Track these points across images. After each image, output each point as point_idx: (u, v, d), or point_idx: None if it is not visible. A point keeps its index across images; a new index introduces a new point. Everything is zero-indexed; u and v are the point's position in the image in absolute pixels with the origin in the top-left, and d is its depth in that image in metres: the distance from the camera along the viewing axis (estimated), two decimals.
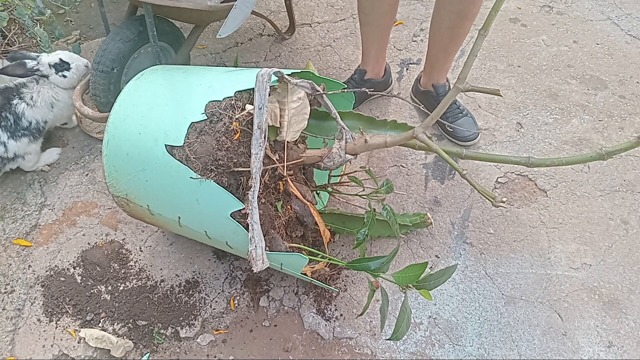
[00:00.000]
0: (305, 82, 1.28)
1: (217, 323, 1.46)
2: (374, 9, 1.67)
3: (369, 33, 1.77)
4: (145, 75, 1.39)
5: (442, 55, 1.75)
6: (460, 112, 1.85)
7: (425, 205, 1.71)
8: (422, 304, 1.49)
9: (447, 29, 1.64)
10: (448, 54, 1.74)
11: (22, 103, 1.68)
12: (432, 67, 1.81)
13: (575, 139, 1.87)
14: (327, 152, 1.33)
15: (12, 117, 1.66)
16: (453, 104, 1.85)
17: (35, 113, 1.70)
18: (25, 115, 1.68)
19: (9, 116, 1.66)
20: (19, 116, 1.67)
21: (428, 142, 1.24)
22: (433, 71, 1.82)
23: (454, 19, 1.59)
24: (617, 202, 1.70)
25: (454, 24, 1.61)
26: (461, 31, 1.64)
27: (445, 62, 1.78)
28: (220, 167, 1.19)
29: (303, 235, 1.41)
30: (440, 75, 1.83)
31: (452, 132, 1.84)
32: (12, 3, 1.85)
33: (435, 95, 1.85)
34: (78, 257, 1.58)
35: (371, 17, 1.71)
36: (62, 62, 1.72)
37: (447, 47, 1.71)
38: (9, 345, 1.42)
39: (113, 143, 1.29)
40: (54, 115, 1.76)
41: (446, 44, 1.70)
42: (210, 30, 2.31)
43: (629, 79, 2.07)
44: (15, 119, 1.66)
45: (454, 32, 1.64)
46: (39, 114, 1.71)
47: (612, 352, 1.40)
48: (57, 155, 1.83)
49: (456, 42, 1.69)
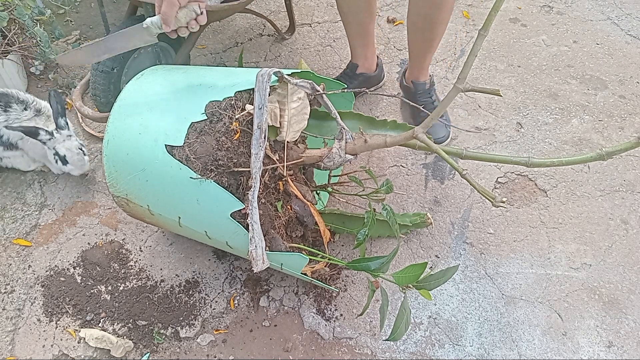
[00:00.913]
0: (305, 82, 1.28)
1: (217, 323, 1.46)
2: (350, 7, 1.68)
3: (351, 31, 1.79)
4: (145, 75, 1.39)
5: (420, 56, 1.75)
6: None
7: (425, 205, 1.71)
8: (422, 304, 1.49)
9: (420, 32, 1.64)
10: (425, 54, 1.74)
11: (4, 115, 1.60)
12: (412, 67, 1.83)
13: (575, 139, 1.87)
14: (327, 152, 1.33)
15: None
16: (430, 104, 1.84)
17: (12, 134, 1.63)
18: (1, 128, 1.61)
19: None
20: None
21: (428, 142, 1.24)
22: (413, 67, 1.83)
23: (424, 23, 1.59)
24: (617, 202, 1.70)
25: (425, 28, 1.61)
26: (432, 36, 1.64)
27: (423, 61, 1.78)
28: (220, 167, 1.19)
29: (303, 235, 1.41)
30: (421, 73, 1.83)
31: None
32: (12, 3, 1.85)
33: (413, 91, 1.85)
34: (78, 257, 1.58)
35: (350, 16, 1.72)
36: (80, 151, 1.65)
37: (422, 49, 1.71)
38: (9, 345, 1.42)
39: (113, 143, 1.29)
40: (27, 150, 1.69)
41: (421, 46, 1.71)
42: (210, 30, 2.31)
43: (629, 79, 2.07)
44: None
45: (426, 36, 1.64)
46: (16, 137, 1.64)
47: (612, 352, 1.40)
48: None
49: (430, 44, 1.69)
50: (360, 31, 1.78)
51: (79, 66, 2.02)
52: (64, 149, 1.61)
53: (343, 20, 1.77)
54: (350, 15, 1.71)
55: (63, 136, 1.61)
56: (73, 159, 1.63)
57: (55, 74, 2.08)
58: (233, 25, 2.33)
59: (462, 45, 2.21)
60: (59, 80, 2.05)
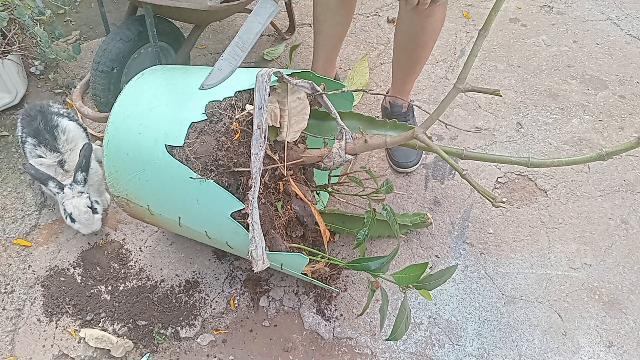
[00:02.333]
0: (305, 82, 1.28)
1: (217, 323, 1.46)
2: (327, 18, 1.63)
3: (320, 41, 1.74)
4: (145, 75, 1.39)
5: (402, 75, 1.71)
6: None
7: (425, 205, 1.71)
8: (422, 304, 1.49)
9: (403, 50, 1.61)
10: (406, 75, 1.70)
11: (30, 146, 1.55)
12: (393, 86, 1.78)
13: (575, 139, 1.87)
14: (327, 152, 1.33)
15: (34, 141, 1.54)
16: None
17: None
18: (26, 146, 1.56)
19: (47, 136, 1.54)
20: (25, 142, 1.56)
21: (428, 142, 1.24)
22: (394, 88, 1.78)
23: (408, 42, 1.56)
24: (617, 202, 1.70)
25: (408, 47, 1.58)
26: (415, 56, 1.60)
27: (404, 82, 1.74)
28: (220, 167, 1.19)
29: (303, 235, 1.41)
30: (401, 95, 1.77)
31: (391, 156, 1.80)
32: (12, 3, 1.85)
33: (389, 112, 1.80)
34: (78, 257, 1.58)
35: (323, 26, 1.67)
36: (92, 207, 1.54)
37: (404, 68, 1.68)
38: (9, 345, 1.42)
39: (113, 143, 1.29)
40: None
41: (404, 65, 1.67)
42: (210, 30, 2.31)
43: (629, 79, 2.07)
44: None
45: (409, 55, 1.61)
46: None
47: (612, 352, 1.40)
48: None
49: (413, 65, 1.65)
50: (328, 44, 1.74)
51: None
52: (71, 207, 1.50)
53: (315, 28, 1.71)
54: (324, 26, 1.67)
55: (74, 192, 1.50)
56: (80, 217, 1.51)
57: (55, 74, 2.07)
58: (233, 25, 2.33)
59: (462, 45, 2.21)
60: (59, 80, 2.05)
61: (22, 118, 1.58)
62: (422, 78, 2.08)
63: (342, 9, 1.61)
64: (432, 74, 2.10)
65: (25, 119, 1.57)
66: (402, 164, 1.76)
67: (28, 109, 1.59)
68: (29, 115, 1.57)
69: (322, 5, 1.60)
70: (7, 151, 1.83)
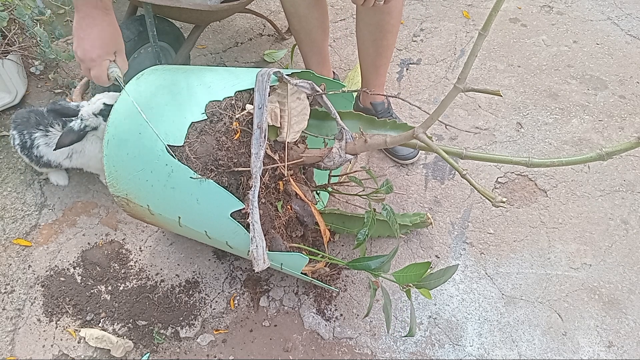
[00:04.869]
0: (305, 82, 1.28)
1: (217, 323, 1.46)
2: (303, 25, 1.63)
3: (305, 49, 1.74)
4: (145, 75, 1.39)
5: (373, 69, 1.70)
6: None
7: (425, 205, 1.71)
8: (422, 304, 1.49)
9: (371, 42, 1.60)
10: (377, 67, 1.69)
11: (42, 138, 1.55)
12: (367, 84, 1.77)
13: (575, 139, 1.87)
14: (327, 152, 1.33)
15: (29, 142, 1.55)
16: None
17: (51, 154, 1.57)
18: (39, 148, 1.56)
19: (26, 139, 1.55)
20: (33, 145, 1.56)
21: (428, 142, 1.24)
22: (369, 88, 1.76)
23: (374, 32, 1.56)
24: (617, 202, 1.70)
25: (376, 37, 1.57)
26: (384, 43, 1.60)
27: (377, 76, 1.73)
28: (221, 167, 1.19)
29: (303, 235, 1.41)
30: (378, 90, 1.76)
31: (391, 150, 1.81)
32: (12, 3, 1.85)
33: (374, 113, 1.78)
34: (78, 257, 1.58)
35: (302, 34, 1.67)
36: (107, 107, 1.45)
37: (374, 61, 1.67)
38: (9, 345, 1.42)
39: (113, 143, 1.29)
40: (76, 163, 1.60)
41: (373, 58, 1.66)
42: (210, 30, 2.31)
43: (629, 79, 2.07)
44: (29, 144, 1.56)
45: (377, 45, 1.60)
46: (58, 157, 1.57)
47: (612, 352, 1.40)
48: (63, 182, 1.75)
49: (383, 55, 1.65)
50: (314, 49, 1.73)
51: None
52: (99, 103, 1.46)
53: (296, 39, 1.72)
54: (303, 34, 1.67)
55: (87, 102, 1.49)
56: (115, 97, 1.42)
57: (55, 74, 2.07)
58: (233, 25, 2.33)
59: (462, 45, 2.21)
60: (59, 80, 2.05)
61: (16, 126, 1.58)
62: (422, 78, 2.09)
63: (314, 13, 1.60)
64: (432, 74, 2.10)
65: (20, 125, 1.57)
66: (405, 156, 1.78)
67: (16, 117, 1.59)
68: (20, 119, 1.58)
69: (293, 15, 1.60)
70: (7, 151, 1.83)
